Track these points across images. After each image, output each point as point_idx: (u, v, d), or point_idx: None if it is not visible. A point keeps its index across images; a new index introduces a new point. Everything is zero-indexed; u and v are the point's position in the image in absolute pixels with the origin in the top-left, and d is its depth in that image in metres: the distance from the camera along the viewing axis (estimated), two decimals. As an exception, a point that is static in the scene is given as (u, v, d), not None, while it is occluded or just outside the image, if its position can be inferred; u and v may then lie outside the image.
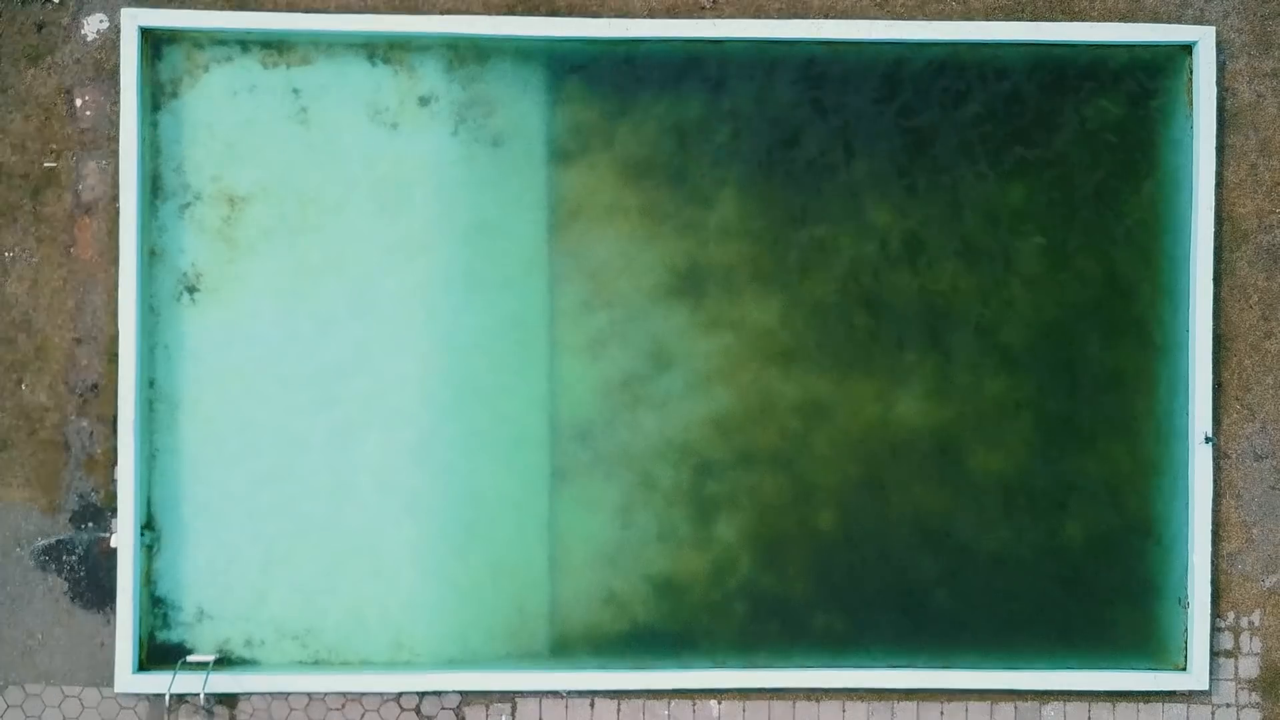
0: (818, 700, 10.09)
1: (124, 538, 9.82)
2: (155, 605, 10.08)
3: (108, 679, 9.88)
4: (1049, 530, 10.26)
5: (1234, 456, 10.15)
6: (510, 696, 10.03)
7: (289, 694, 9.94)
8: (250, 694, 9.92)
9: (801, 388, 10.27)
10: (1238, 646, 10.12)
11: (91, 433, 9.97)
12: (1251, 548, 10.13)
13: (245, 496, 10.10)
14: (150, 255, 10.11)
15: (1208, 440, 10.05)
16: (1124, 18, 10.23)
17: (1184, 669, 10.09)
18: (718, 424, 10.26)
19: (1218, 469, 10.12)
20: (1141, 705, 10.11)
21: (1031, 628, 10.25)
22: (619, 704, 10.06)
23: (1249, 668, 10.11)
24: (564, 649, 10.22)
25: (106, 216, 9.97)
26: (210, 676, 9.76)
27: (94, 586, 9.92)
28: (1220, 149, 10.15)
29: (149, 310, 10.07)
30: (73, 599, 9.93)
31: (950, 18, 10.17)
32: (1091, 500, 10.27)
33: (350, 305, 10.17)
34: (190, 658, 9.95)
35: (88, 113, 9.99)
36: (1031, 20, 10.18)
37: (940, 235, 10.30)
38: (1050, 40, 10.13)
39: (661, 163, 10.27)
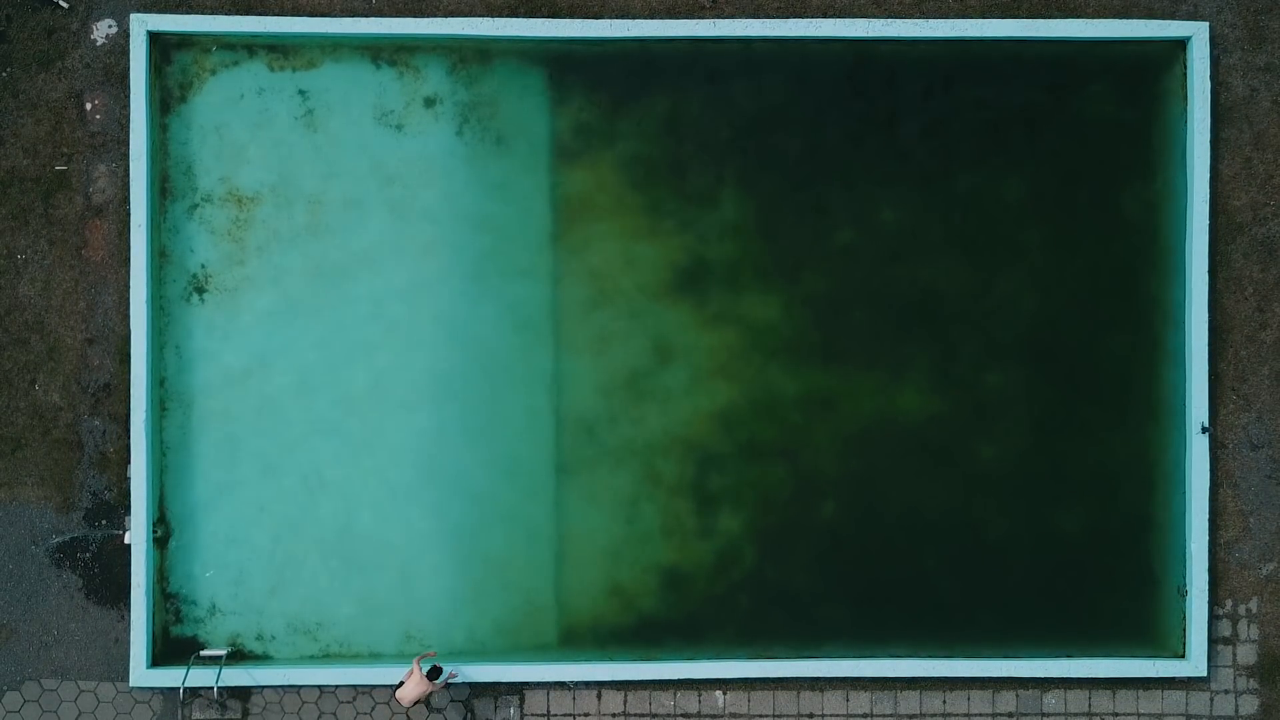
0: (822, 690, 10.19)
1: (137, 534, 9.95)
2: (168, 601, 10.22)
3: (122, 674, 10.02)
4: (1048, 521, 10.37)
5: (1230, 446, 10.25)
6: (518, 688, 10.14)
7: (300, 686, 10.07)
8: (262, 687, 10.05)
9: (803, 382, 10.38)
10: (1236, 634, 10.23)
11: (104, 431, 10.10)
12: (1249, 536, 10.23)
13: (256, 493, 10.24)
14: (160, 256, 10.24)
15: (1204, 430, 10.15)
16: (1119, 14, 10.32)
17: (1183, 656, 10.20)
18: (720, 418, 10.37)
19: (1215, 459, 10.22)
20: (1141, 692, 10.22)
21: (1032, 617, 10.36)
22: (625, 695, 10.17)
23: (1247, 654, 10.21)
24: (571, 641, 10.34)
25: (117, 218, 10.10)
26: (223, 671, 9.89)
27: (108, 583, 10.06)
28: (1215, 143, 10.24)
29: (159, 310, 10.21)
30: (87, 595, 10.06)
31: (947, 15, 10.27)
32: (1090, 491, 10.37)
33: (357, 304, 10.29)
34: (203, 652, 10.09)
35: (97, 116, 10.12)
36: (1027, 17, 10.27)
37: (936, 229, 10.40)
38: (1046, 36, 10.23)
39: (662, 160, 10.38)
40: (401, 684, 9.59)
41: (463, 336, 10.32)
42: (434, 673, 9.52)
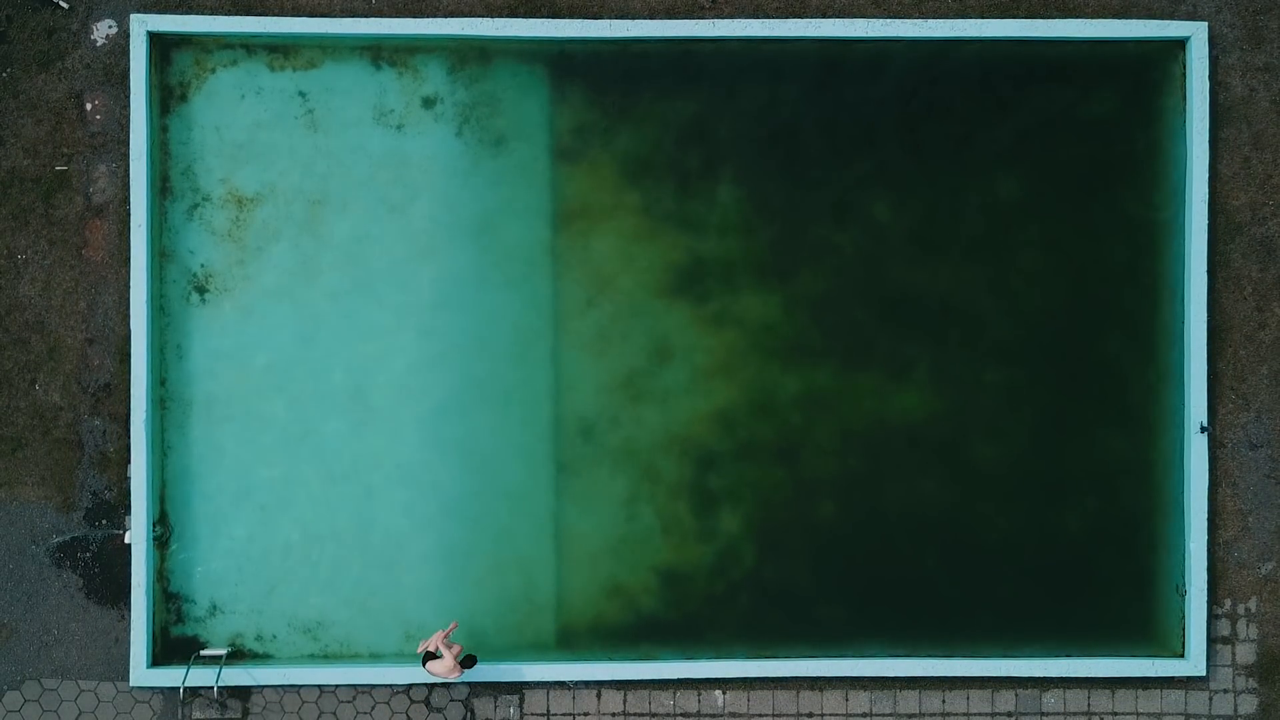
0: (821, 689, 10.21)
1: (137, 534, 9.96)
2: (168, 600, 10.23)
3: (123, 673, 10.04)
4: (1047, 520, 10.38)
5: (1229, 446, 10.27)
6: (518, 688, 10.16)
7: (300, 686, 10.08)
8: (262, 687, 10.06)
9: (803, 381, 10.39)
10: (1235, 633, 10.24)
11: (104, 431, 10.11)
12: (1247, 535, 10.25)
13: (256, 493, 10.25)
14: (160, 256, 10.26)
15: (1203, 430, 10.17)
16: (1118, 14, 10.34)
17: (1182, 656, 10.21)
18: (719, 417, 10.39)
19: (1213, 458, 10.24)
20: (1140, 692, 10.24)
21: (1031, 616, 10.38)
22: (625, 694, 10.19)
23: (1246, 654, 10.23)
24: (571, 641, 10.36)
25: (117, 219, 10.11)
26: (223, 670, 9.90)
27: (108, 582, 10.07)
28: (1214, 143, 10.26)
29: (159, 310, 10.22)
30: (88, 595, 10.07)
31: (946, 15, 10.28)
32: (1089, 490, 10.39)
33: (357, 304, 10.31)
34: (203, 652, 10.10)
35: (98, 117, 10.13)
36: (1026, 17, 10.29)
37: (934, 229, 10.42)
38: (1045, 36, 10.25)
39: (662, 160, 10.40)
40: (431, 655, 9.50)
41: (462, 336, 10.34)
42: (468, 661, 9.54)
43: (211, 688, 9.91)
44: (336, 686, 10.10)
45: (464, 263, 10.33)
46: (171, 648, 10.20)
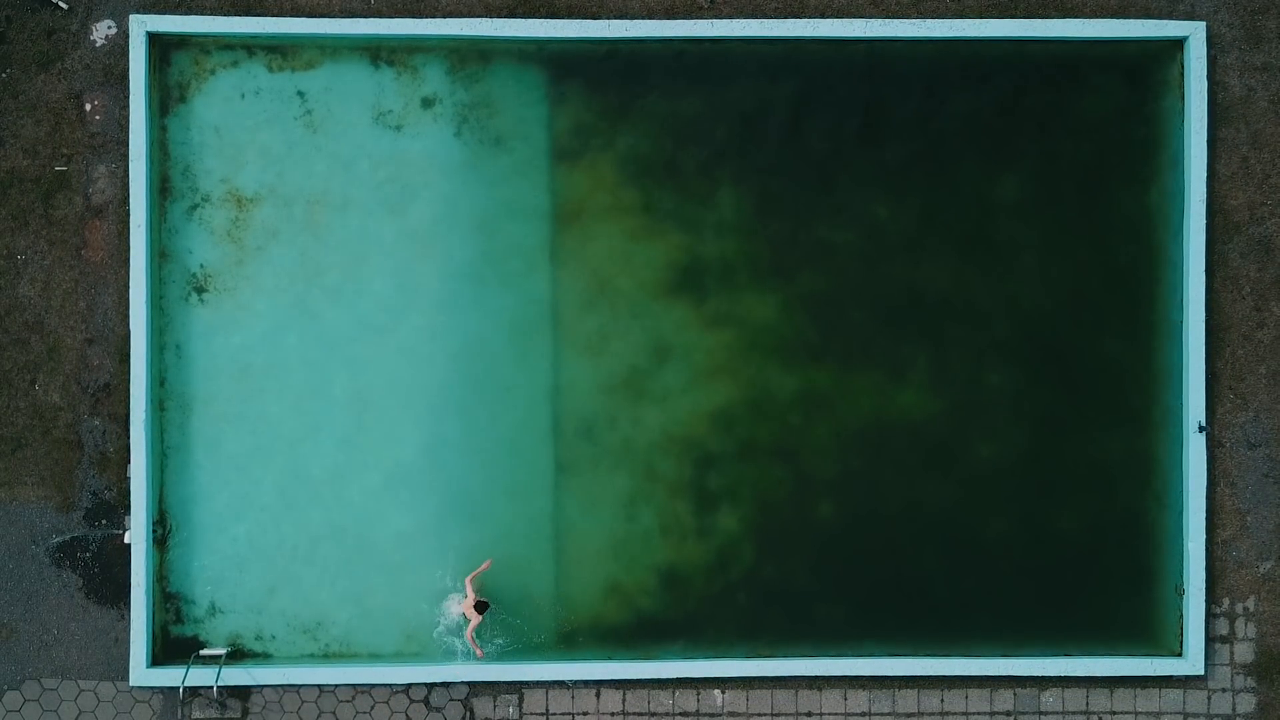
0: (820, 689, 10.22)
1: (137, 534, 9.97)
2: (168, 600, 10.24)
3: (123, 673, 10.04)
4: (1046, 519, 10.39)
5: (1228, 445, 10.27)
6: (517, 687, 10.17)
7: (300, 686, 10.09)
8: (262, 686, 10.07)
9: (802, 381, 10.40)
10: (1233, 632, 10.25)
11: (104, 431, 10.12)
12: (1246, 534, 10.26)
13: (255, 493, 10.26)
14: (160, 256, 10.27)
15: (1201, 429, 10.18)
16: (1116, 13, 10.35)
17: (1180, 655, 10.22)
18: (719, 417, 10.39)
19: (1212, 457, 10.24)
20: (1139, 691, 10.24)
21: (1030, 615, 10.38)
22: (624, 694, 10.19)
23: (1244, 653, 10.24)
24: (570, 640, 10.36)
25: (116, 219, 10.12)
26: (223, 670, 9.91)
27: (108, 582, 10.08)
28: (1212, 142, 10.26)
29: (159, 310, 10.23)
30: (87, 595, 10.08)
31: (944, 15, 10.29)
32: (1087, 490, 10.40)
33: (357, 303, 10.32)
34: (203, 652, 10.11)
35: (97, 117, 10.14)
36: (1024, 17, 10.29)
37: (933, 229, 10.43)
38: (1044, 36, 10.26)
39: (661, 160, 10.40)
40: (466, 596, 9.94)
41: (462, 336, 10.35)
42: (480, 606, 9.74)
43: (211, 688, 9.91)
44: (336, 686, 10.11)
45: (463, 263, 10.34)
46: (171, 648, 10.20)
